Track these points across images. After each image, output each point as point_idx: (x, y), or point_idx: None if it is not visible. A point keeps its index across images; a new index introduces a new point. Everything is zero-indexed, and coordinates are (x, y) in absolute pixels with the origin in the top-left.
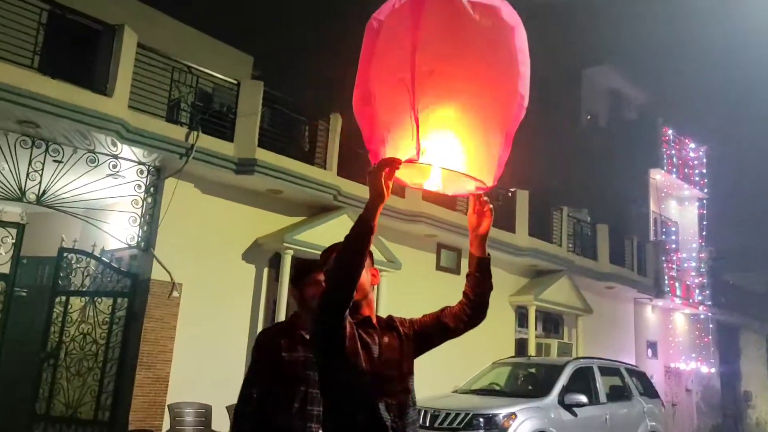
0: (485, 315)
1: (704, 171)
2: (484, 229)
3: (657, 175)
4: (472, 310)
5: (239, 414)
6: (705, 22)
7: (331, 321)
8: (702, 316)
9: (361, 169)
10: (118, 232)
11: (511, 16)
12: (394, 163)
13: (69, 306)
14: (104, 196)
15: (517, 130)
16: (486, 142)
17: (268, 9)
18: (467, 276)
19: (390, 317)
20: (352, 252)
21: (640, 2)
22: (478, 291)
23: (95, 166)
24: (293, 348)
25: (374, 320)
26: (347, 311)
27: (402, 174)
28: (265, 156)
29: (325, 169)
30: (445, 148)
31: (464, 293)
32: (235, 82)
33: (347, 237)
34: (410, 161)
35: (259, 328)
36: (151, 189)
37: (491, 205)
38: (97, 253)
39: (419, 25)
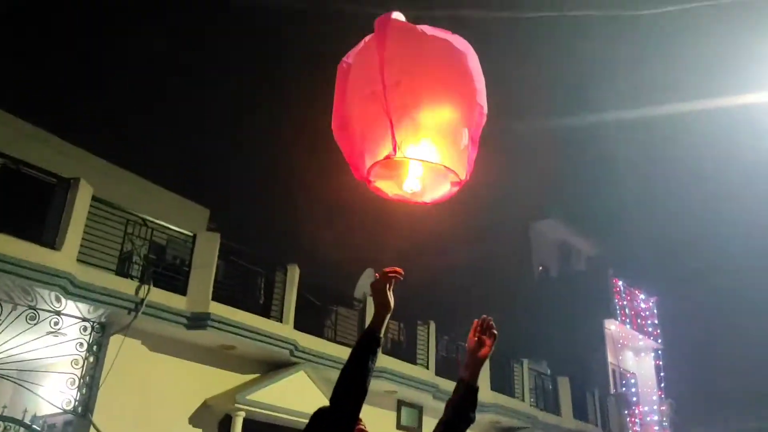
0: None
1: (656, 321)
2: (483, 353)
3: (612, 326)
4: None
5: None
6: (646, 175)
7: None
8: None
9: (319, 322)
10: (54, 396)
11: (461, 44)
12: (396, 274)
13: None
14: (42, 355)
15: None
16: (455, 141)
17: (226, 162)
18: (447, 404)
19: None
20: (359, 364)
21: (582, 157)
22: (456, 422)
23: (35, 323)
24: None
25: None
26: None
27: (383, 185)
28: (218, 309)
29: (281, 322)
30: (419, 146)
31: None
32: (190, 234)
33: (353, 350)
34: (388, 157)
35: None
36: (94, 347)
37: (495, 331)
38: (28, 420)
39: (384, 47)
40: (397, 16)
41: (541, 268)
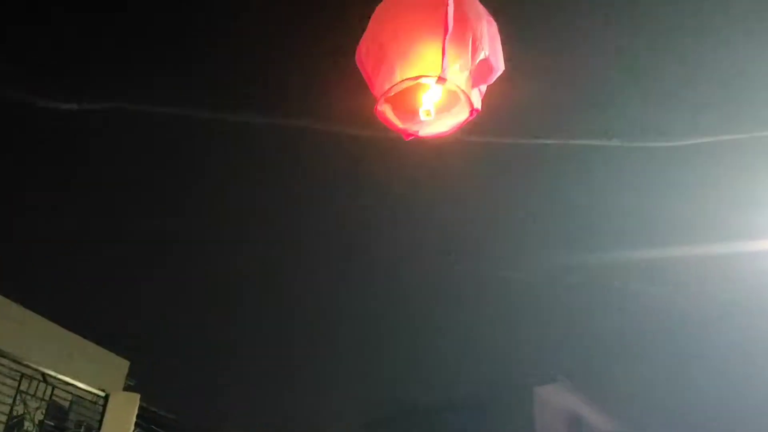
0: None
1: None
2: None
3: None
4: None
5: None
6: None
7: None
8: None
9: None
10: None
11: None
12: None
13: None
14: None
15: None
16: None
17: (151, 311)
18: None
19: None
20: None
21: (594, 314)
22: None
23: None
24: None
25: None
26: None
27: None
28: None
29: None
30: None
31: None
32: (102, 393)
33: None
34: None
35: None
36: None
37: None
38: None
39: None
40: None
41: None
